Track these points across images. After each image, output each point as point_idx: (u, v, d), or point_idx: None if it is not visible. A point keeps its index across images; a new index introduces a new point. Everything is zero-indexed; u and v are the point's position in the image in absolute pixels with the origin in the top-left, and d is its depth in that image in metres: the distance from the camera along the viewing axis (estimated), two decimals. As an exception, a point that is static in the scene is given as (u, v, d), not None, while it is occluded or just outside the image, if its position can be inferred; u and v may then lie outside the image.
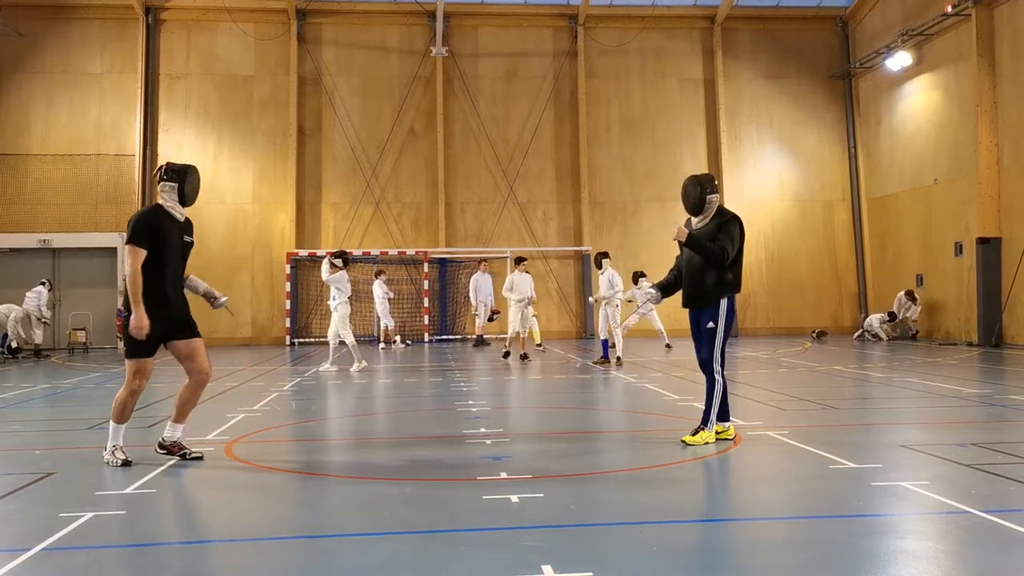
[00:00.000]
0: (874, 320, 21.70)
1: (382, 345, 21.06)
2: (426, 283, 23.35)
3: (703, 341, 7.08)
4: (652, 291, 7.59)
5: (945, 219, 21.05)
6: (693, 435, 7.02)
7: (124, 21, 23.42)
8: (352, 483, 6.07)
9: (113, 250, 22.52)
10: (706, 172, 7.35)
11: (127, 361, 6.51)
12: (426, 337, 23.08)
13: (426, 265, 23.38)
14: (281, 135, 23.77)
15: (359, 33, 24.41)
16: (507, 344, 16.31)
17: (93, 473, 6.28)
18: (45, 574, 4.08)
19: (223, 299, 7.11)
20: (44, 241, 22.30)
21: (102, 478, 6.08)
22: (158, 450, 6.71)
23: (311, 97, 24.06)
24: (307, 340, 23.08)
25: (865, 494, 5.39)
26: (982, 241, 19.12)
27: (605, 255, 15.25)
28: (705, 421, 7.06)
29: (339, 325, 14.39)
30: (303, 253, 23.30)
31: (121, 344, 22.32)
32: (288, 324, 22.91)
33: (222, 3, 23.20)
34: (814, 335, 22.67)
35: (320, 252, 23.33)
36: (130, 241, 6.34)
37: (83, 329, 21.08)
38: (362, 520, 5.03)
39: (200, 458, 6.66)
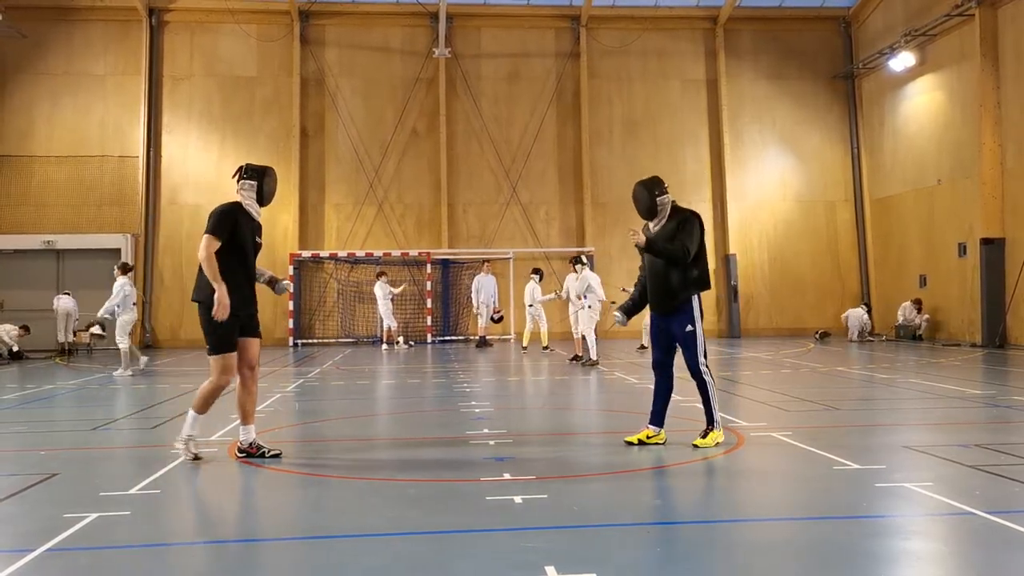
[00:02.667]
0: (858, 314, 21.88)
1: (384, 346, 21.07)
2: (429, 284, 23.36)
3: (686, 346, 7.02)
4: (619, 315, 7.54)
5: (948, 220, 21.03)
6: (703, 437, 7.02)
7: (127, 23, 23.45)
8: (356, 484, 6.08)
9: (117, 251, 22.55)
10: (653, 175, 7.31)
11: (212, 358, 6.46)
12: (429, 338, 23.09)
13: (429, 266, 23.38)
14: (284, 136, 23.80)
15: (362, 34, 24.43)
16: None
17: (98, 474, 6.30)
18: (50, 575, 4.09)
19: (284, 282, 7.19)
20: (48, 242, 22.34)
21: (107, 479, 6.09)
22: (238, 455, 6.73)
23: (314, 98, 24.08)
24: (311, 341, 23.09)
25: (868, 495, 5.39)
26: (985, 242, 19.09)
27: (578, 259, 15.49)
28: (711, 421, 7.06)
29: (119, 331, 14.69)
30: (306, 254, 23.32)
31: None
32: (291, 325, 22.92)
33: (225, 5, 23.23)
34: (817, 336, 22.66)
35: (323, 253, 23.39)
36: (211, 231, 6.38)
37: (87, 330, 21.05)
38: (365, 521, 5.03)
39: (279, 455, 6.70)
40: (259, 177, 6.69)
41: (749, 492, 5.83)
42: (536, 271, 19.23)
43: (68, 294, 20.54)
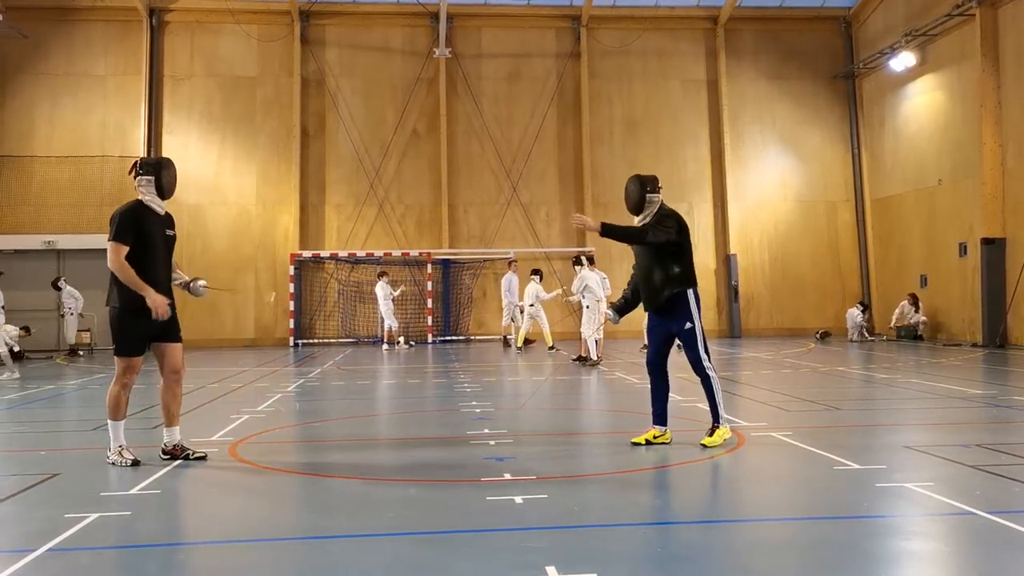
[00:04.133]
0: (855, 314, 21.87)
1: (385, 346, 21.08)
2: (429, 284, 23.36)
3: (687, 344, 7.03)
4: (611, 313, 7.64)
5: (949, 220, 21.02)
6: (710, 435, 7.02)
7: (128, 23, 23.46)
8: (356, 484, 6.08)
9: (117, 251, 22.54)
10: (652, 174, 7.31)
11: (117, 359, 6.46)
12: (429, 338, 23.09)
13: (429, 266, 23.39)
14: (284, 136, 23.80)
15: (362, 35, 24.44)
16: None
17: (98, 474, 6.30)
18: (50, 575, 4.09)
19: (199, 282, 7.01)
20: (49, 242, 22.34)
21: (107, 479, 6.09)
22: (162, 456, 6.70)
23: (314, 99, 24.09)
24: (311, 341, 23.10)
25: (869, 495, 5.39)
26: (986, 242, 19.09)
27: (578, 259, 15.52)
28: (716, 419, 7.06)
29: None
30: (307, 254, 23.32)
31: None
32: (292, 325, 22.92)
33: (225, 5, 23.24)
34: (818, 336, 22.66)
35: (324, 253, 23.39)
36: (114, 238, 6.33)
37: (87, 330, 21.09)
38: (366, 521, 5.03)
39: (204, 458, 6.67)
40: (155, 171, 6.60)
41: (750, 492, 5.83)
42: (536, 271, 19.24)
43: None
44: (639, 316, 7.77)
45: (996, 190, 19.11)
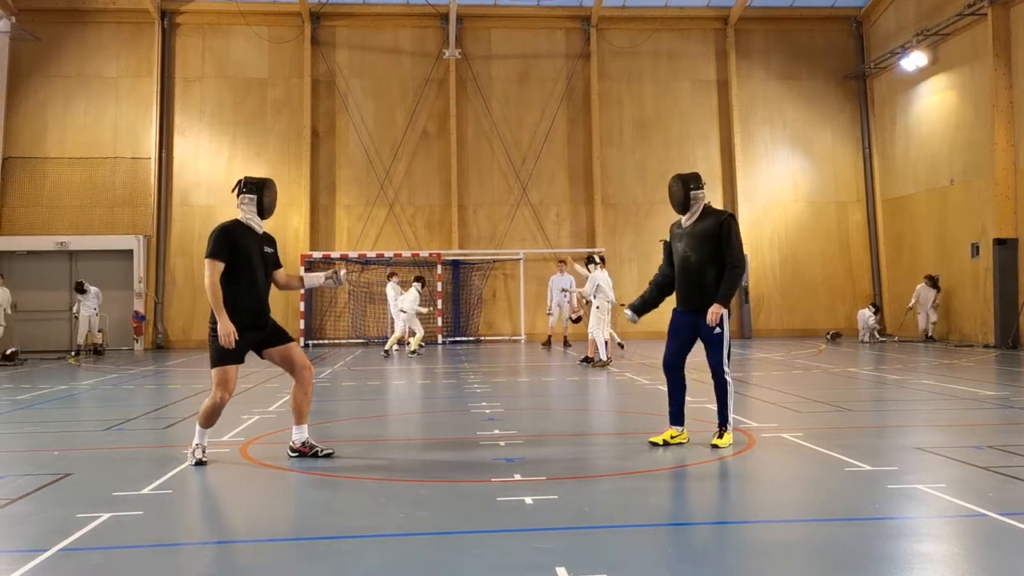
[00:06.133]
0: (866, 315, 21.75)
1: (396, 347, 21.07)
2: (439, 285, 23.38)
3: (712, 346, 7.02)
4: (629, 313, 7.56)
5: (961, 220, 20.91)
6: (719, 438, 7.02)
7: (140, 25, 23.57)
8: (366, 484, 6.09)
9: (129, 252, 22.69)
10: (693, 171, 7.38)
11: (212, 370, 6.51)
12: (439, 339, 23.11)
13: (439, 267, 23.41)
14: (295, 137, 23.87)
15: (372, 36, 24.49)
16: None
17: (110, 474, 6.33)
18: (63, 574, 4.12)
19: (343, 272, 7.27)
20: (61, 244, 22.46)
21: (119, 479, 6.12)
22: (290, 454, 6.78)
23: (325, 100, 24.15)
24: (322, 341, 23.16)
25: (881, 497, 5.37)
26: (999, 242, 18.97)
27: (591, 259, 15.45)
28: (725, 422, 7.06)
29: None
30: (317, 255, 23.38)
31: (138, 345, 22.53)
32: (302, 326, 22.99)
33: (236, 7, 23.33)
34: (828, 336, 22.58)
35: (334, 254, 23.44)
36: (210, 255, 6.45)
37: (101, 331, 21.20)
38: (376, 521, 5.04)
39: (331, 455, 6.78)
40: (258, 191, 6.72)
41: (761, 493, 5.81)
42: (419, 279, 19.18)
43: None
44: (645, 317, 7.71)
45: (1008, 190, 19.00)
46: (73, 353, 20.32)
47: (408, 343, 19.33)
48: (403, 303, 18.91)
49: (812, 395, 10.66)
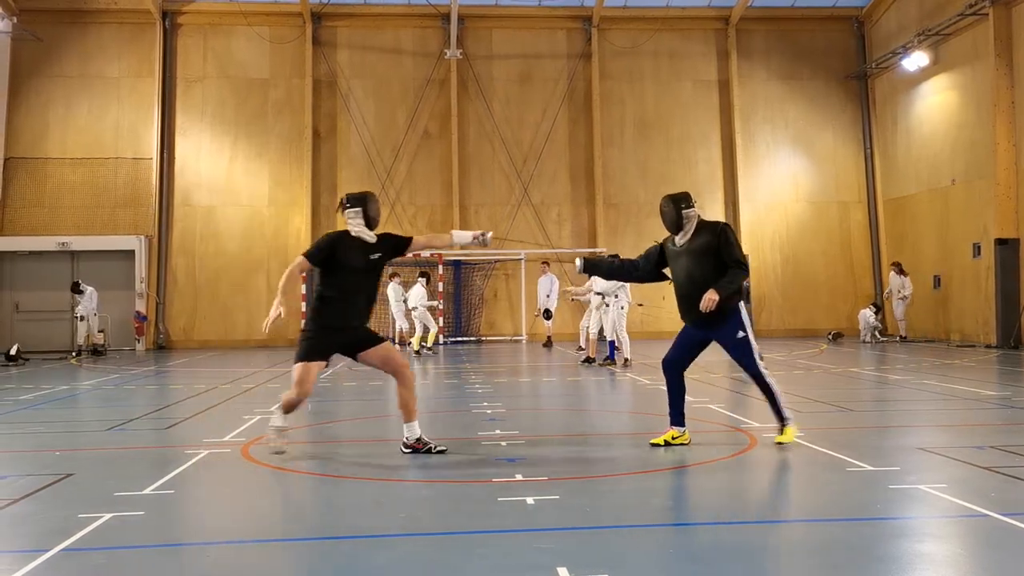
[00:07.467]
0: (867, 315, 21.75)
1: (397, 347, 21.07)
2: (440, 285, 23.38)
3: (742, 354, 7.02)
4: (579, 261, 7.64)
5: (962, 220, 20.89)
6: (780, 434, 7.05)
7: (141, 25, 23.58)
8: (368, 484, 6.10)
9: (131, 252, 22.70)
10: (683, 191, 7.38)
11: (294, 366, 6.85)
12: (440, 339, 23.10)
13: (440, 267, 23.41)
14: (296, 138, 23.88)
15: (373, 36, 24.49)
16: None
17: (112, 474, 6.34)
18: (64, 575, 4.12)
19: (489, 235, 7.32)
20: (63, 244, 22.48)
21: (121, 479, 6.12)
22: (403, 450, 6.91)
23: (326, 100, 24.16)
24: (322, 342, 23.12)
25: (882, 497, 5.37)
26: (1000, 242, 18.96)
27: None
28: (782, 418, 7.07)
29: None
30: (318, 255, 23.34)
31: (140, 346, 22.55)
32: (302, 326, 22.94)
33: (238, 7, 23.34)
34: (830, 336, 22.57)
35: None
36: (306, 253, 6.84)
37: (102, 331, 21.21)
38: (378, 521, 5.05)
39: (444, 452, 6.89)
40: (362, 204, 6.94)
41: (762, 493, 5.81)
42: (424, 274, 19.57)
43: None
44: (634, 315, 7.73)
45: (1010, 190, 18.99)
46: (74, 354, 20.32)
47: (410, 343, 19.35)
48: (411, 299, 18.92)
49: (813, 395, 10.66)
